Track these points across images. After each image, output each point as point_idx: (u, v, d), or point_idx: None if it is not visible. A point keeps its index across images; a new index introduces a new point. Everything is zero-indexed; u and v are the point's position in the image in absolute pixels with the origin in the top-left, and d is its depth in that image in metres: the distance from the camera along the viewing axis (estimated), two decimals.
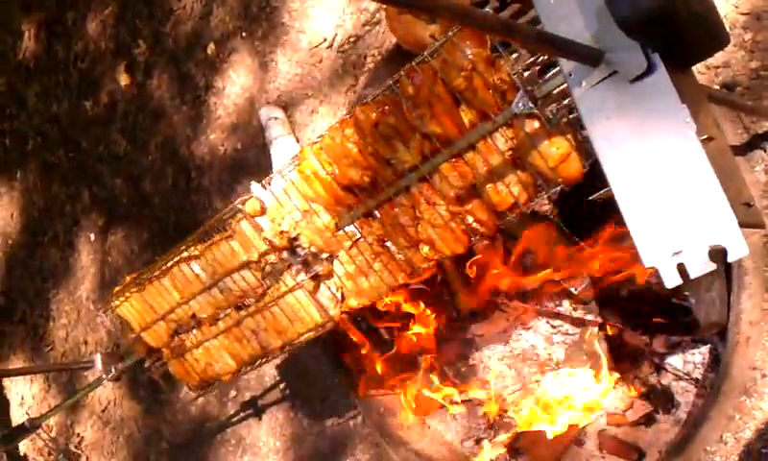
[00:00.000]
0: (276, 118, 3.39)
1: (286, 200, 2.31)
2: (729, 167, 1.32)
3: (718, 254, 1.23)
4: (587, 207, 2.51)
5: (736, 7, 2.35)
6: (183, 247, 2.62)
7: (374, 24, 3.17)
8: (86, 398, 4.34)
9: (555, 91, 1.53)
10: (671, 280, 1.29)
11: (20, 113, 4.99)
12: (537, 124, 1.62)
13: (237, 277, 2.49)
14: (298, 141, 3.39)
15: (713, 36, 1.36)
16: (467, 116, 1.80)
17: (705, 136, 1.25)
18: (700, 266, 1.26)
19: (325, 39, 3.35)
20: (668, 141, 1.28)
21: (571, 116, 1.54)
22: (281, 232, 2.32)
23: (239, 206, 2.41)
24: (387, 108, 1.93)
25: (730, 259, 1.24)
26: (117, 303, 2.84)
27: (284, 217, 2.33)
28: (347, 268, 2.25)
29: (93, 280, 4.43)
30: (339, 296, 2.33)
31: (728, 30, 2.29)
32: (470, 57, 1.70)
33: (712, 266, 1.24)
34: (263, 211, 2.41)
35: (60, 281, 4.64)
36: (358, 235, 2.18)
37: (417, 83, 1.84)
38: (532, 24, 1.43)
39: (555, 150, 1.62)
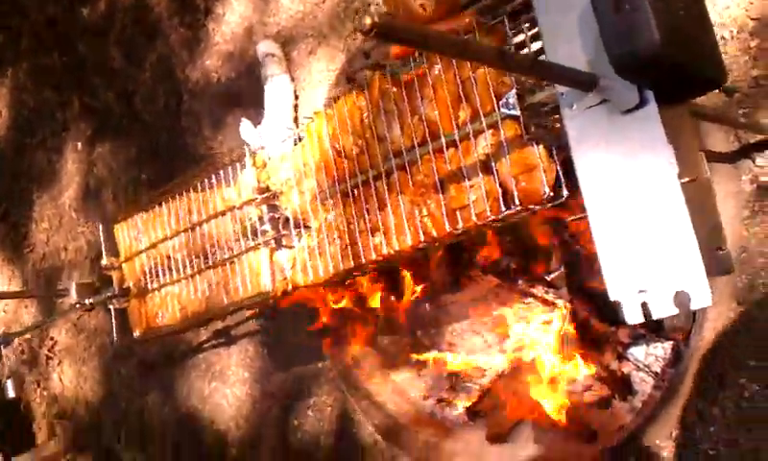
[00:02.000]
0: (272, 55, 3.35)
1: (284, 157, 2.31)
2: (706, 207, 1.34)
3: (683, 301, 1.26)
4: None
5: (747, 10, 2.32)
6: (192, 179, 2.61)
7: None
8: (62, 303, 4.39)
9: (545, 105, 1.53)
10: (633, 317, 1.32)
11: (13, 11, 4.89)
12: (517, 129, 1.63)
13: (218, 221, 2.50)
14: (293, 81, 3.36)
15: (710, 78, 1.36)
16: (464, 112, 1.80)
17: (686, 179, 1.27)
18: (663, 308, 1.29)
19: None
20: (649, 178, 1.30)
21: (551, 134, 1.55)
22: (267, 188, 2.33)
23: (248, 155, 2.39)
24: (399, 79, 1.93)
25: (693, 308, 1.27)
26: (119, 220, 2.87)
27: (277, 173, 2.33)
28: (308, 242, 2.22)
29: (77, 189, 4.43)
30: (289, 269, 2.30)
31: (734, 35, 2.30)
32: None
33: (675, 311, 1.27)
34: (264, 165, 2.40)
35: (45, 185, 4.65)
36: (331, 212, 2.15)
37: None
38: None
39: (522, 158, 1.62)
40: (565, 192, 1.58)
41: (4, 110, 4.98)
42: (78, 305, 2.86)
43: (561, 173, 1.62)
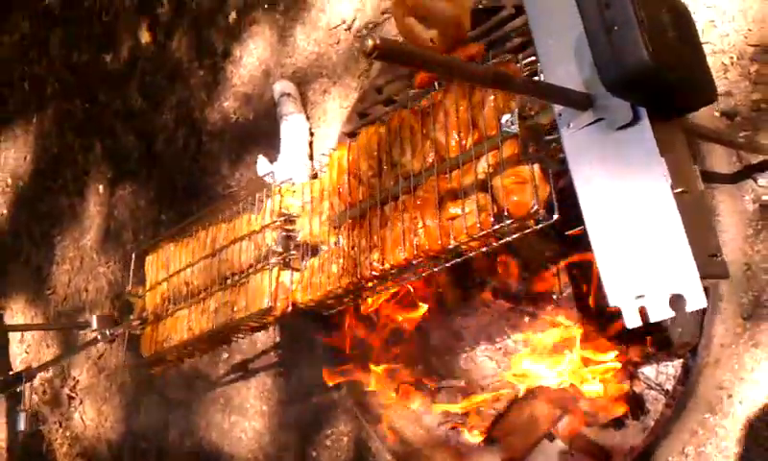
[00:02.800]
0: (288, 95, 3.48)
1: (305, 184, 2.40)
2: (700, 218, 1.41)
3: (678, 304, 1.33)
4: None
5: (746, 38, 2.41)
6: (221, 208, 2.72)
7: None
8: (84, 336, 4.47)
9: (545, 129, 1.62)
10: (632, 321, 1.39)
11: (42, 58, 5.08)
12: (516, 148, 1.72)
13: (239, 247, 2.59)
14: (308, 120, 3.48)
15: (701, 95, 1.44)
16: (471, 137, 1.89)
17: (679, 190, 1.34)
18: (660, 311, 1.35)
19: (344, 21, 3.42)
20: (644, 191, 1.37)
21: (549, 158, 1.64)
22: (286, 213, 2.42)
23: (273, 184, 2.50)
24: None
25: (688, 309, 1.33)
26: (150, 252, 2.97)
27: (297, 199, 2.43)
28: (314, 263, 2.30)
29: (98, 231, 4.55)
30: (291, 288, 2.37)
31: (735, 61, 2.38)
32: None
33: (671, 313, 1.34)
34: (286, 193, 2.51)
35: (66, 228, 4.77)
36: (341, 235, 2.23)
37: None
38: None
39: (516, 172, 1.71)
40: (556, 215, 1.67)
41: (28, 155, 5.13)
42: (99, 336, 2.93)
43: (554, 196, 1.70)
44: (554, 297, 2.69)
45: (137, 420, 4.24)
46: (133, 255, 3.10)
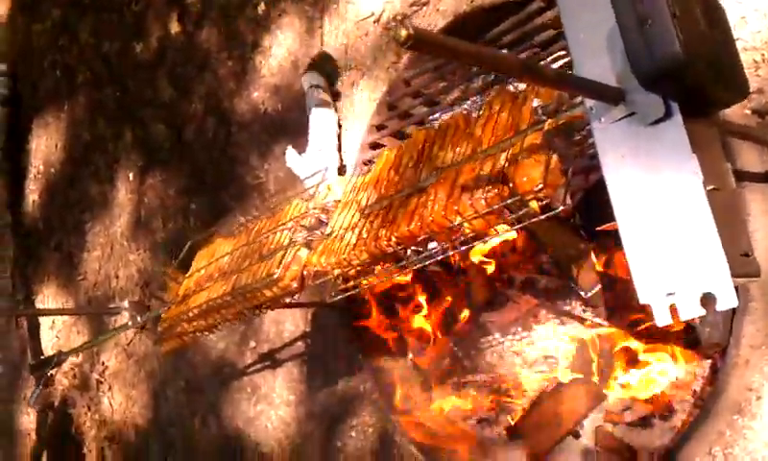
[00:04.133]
0: (317, 86, 3.48)
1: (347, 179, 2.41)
2: (732, 216, 1.39)
3: (709, 302, 1.31)
4: None
5: None
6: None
7: (423, 5, 3.23)
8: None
9: (574, 126, 1.61)
10: (662, 319, 1.37)
11: (72, 47, 5.13)
12: (539, 138, 1.70)
13: (272, 236, 2.59)
14: (336, 112, 3.48)
15: (733, 90, 1.42)
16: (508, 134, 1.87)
17: (711, 187, 1.32)
18: (691, 310, 1.34)
19: (373, 14, 3.42)
20: (676, 187, 1.36)
21: (571, 152, 1.63)
22: (323, 206, 2.44)
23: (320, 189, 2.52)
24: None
25: (719, 309, 1.32)
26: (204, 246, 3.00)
27: (336, 192, 2.45)
28: (335, 234, 2.30)
29: (129, 219, 4.60)
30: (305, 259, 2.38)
31: (766, 58, 2.34)
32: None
33: (702, 312, 1.32)
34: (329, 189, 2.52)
35: (97, 215, 4.83)
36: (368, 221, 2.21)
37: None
38: None
39: (533, 153, 1.69)
40: (568, 203, 1.65)
41: (60, 143, 5.20)
42: (130, 322, 2.95)
43: (569, 187, 1.68)
44: (583, 294, 2.68)
45: (165, 406, 4.29)
46: (188, 244, 3.11)
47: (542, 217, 1.74)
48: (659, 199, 1.39)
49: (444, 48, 1.07)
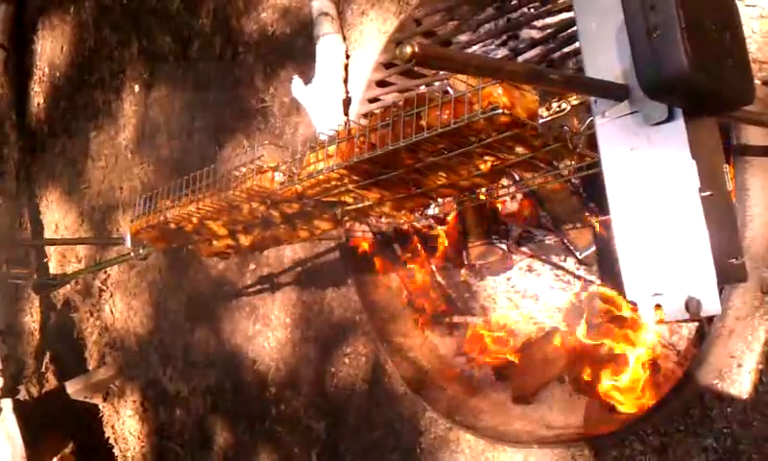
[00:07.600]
0: (326, 14, 3.43)
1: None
2: (724, 220, 1.41)
3: (693, 307, 1.35)
4: None
5: None
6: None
7: None
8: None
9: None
10: (647, 318, 1.42)
11: None
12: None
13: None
14: (344, 41, 3.44)
15: (738, 97, 1.42)
16: None
17: (707, 193, 1.34)
18: (675, 313, 1.38)
19: None
20: (672, 189, 1.37)
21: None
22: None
23: None
24: None
25: (702, 315, 1.36)
26: None
27: None
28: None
29: (134, 131, 4.60)
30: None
31: None
32: None
33: (685, 316, 1.37)
34: None
35: (102, 124, 4.82)
36: None
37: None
38: None
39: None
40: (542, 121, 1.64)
41: (65, 46, 5.14)
42: (132, 254, 2.98)
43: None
44: (578, 254, 2.72)
45: (165, 318, 4.40)
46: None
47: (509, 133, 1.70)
48: (654, 199, 1.41)
49: (449, 61, 1.08)
